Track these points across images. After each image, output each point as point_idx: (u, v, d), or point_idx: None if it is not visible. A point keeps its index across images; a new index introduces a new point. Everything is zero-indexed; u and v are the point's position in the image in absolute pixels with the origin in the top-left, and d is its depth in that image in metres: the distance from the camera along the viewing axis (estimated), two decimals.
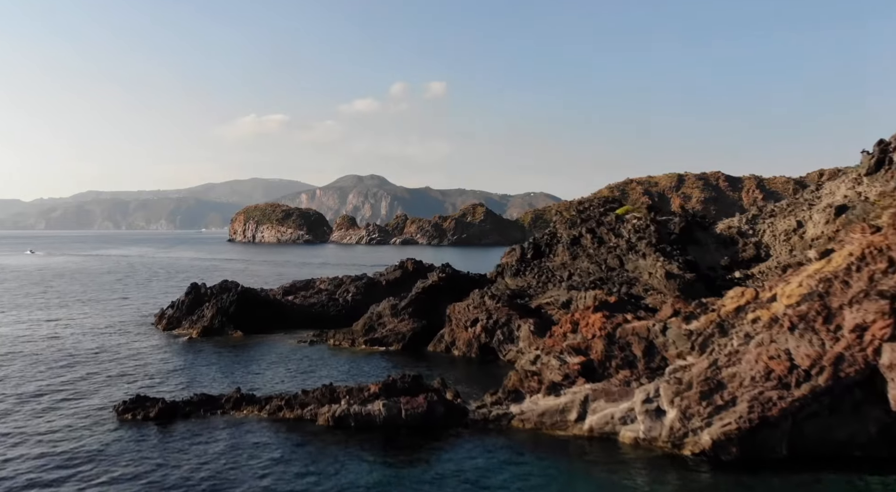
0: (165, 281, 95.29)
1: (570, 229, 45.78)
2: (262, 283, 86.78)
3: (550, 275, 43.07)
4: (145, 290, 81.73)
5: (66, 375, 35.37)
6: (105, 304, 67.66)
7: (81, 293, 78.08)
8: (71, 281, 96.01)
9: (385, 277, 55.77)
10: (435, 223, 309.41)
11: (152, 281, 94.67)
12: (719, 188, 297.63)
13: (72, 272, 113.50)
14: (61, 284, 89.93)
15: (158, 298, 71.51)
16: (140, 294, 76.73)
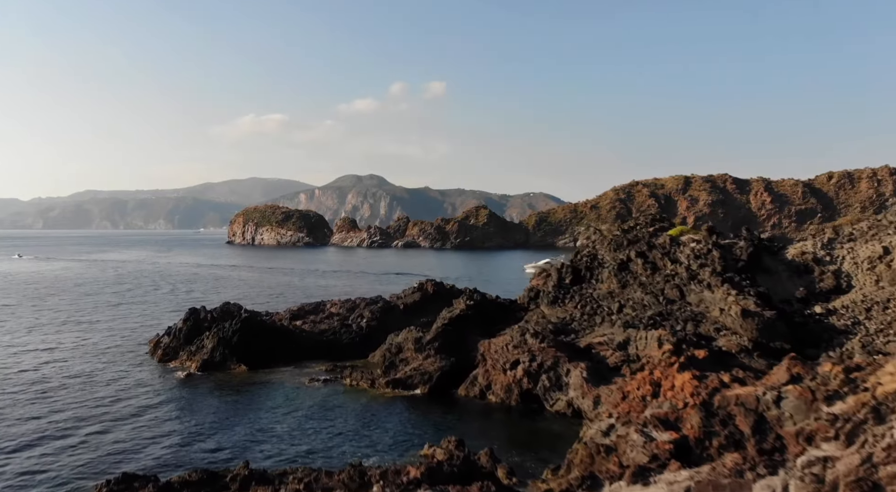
0: (164, 295, 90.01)
1: (616, 252, 40.64)
2: (265, 296, 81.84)
3: (596, 305, 37.96)
4: (141, 305, 76.45)
5: (37, 434, 30.25)
6: (95, 326, 62.30)
7: (68, 310, 72.75)
8: (58, 294, 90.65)
9: (403, 301, 50.65)
10: (438, 226, 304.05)
11: (149, 294, 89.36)
12: (727, 191, 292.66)
13: (60, 282, 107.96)
14: (46, 298, 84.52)
15: (155, 317, 66.38)
16: (135, 312, 71.44)
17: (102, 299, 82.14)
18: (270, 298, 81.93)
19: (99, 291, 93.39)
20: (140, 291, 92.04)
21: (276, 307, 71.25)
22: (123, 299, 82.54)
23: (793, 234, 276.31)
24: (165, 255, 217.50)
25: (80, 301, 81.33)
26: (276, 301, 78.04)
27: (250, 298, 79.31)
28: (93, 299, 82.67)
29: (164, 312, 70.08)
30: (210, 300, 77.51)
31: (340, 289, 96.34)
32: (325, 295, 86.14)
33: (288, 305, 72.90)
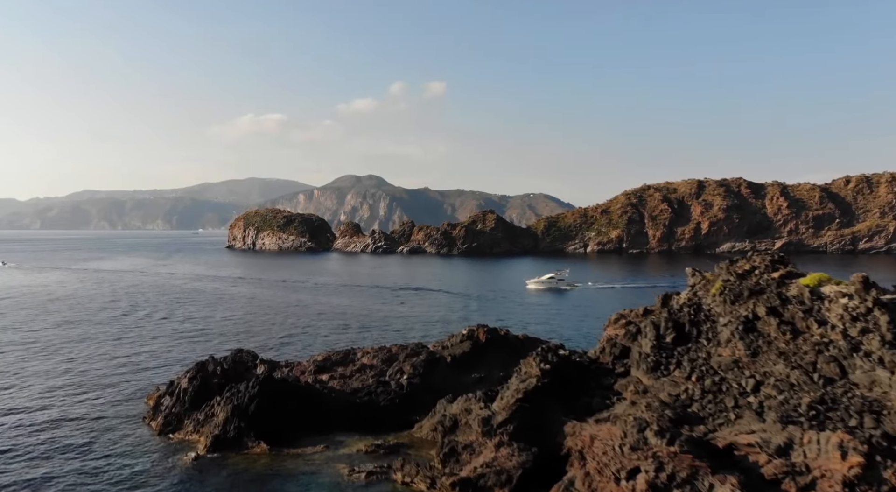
0: (163, 322, 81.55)
1: (734, 305, 32.38)
2: (278, 325, 73.03)
3: (719, 379, 29.73)
4: (137, 339, 67.86)
5: None
6: (80, 371, 53.78)
7: (48, 345, 64.22)
8: (38, 318, 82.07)
9: (450, 352, 42.41)
10: (444, 231, 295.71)
11: (147, 321, 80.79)
12: (741, 195, 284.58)
13: (44, 303, 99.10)
14: (22, 326, 75.58)
15: (154, 355, 58.00)
16: (131, 348, 62.96)
17: (92, 330, 73.54)
18: (283, 328, 73.57)
19: (88, 317, 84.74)
20: (137, 318, 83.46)
21: (291, 341, 63.05)
22: (117, 329, 74.00)
23: (810, 240, 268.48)
24: (164, 263, 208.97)
25: (65, 331, 72.69)
26: (291, 332, 69.77)
27: (262, 332, 70.97)
28: (80, 330, 74.01)
29: (164, 349, 61.69)
30: (216, 329, 69.21)
31: (357, 310, 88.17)
32: (342, 318, 78.04)
33: (304, 337, 64.90)
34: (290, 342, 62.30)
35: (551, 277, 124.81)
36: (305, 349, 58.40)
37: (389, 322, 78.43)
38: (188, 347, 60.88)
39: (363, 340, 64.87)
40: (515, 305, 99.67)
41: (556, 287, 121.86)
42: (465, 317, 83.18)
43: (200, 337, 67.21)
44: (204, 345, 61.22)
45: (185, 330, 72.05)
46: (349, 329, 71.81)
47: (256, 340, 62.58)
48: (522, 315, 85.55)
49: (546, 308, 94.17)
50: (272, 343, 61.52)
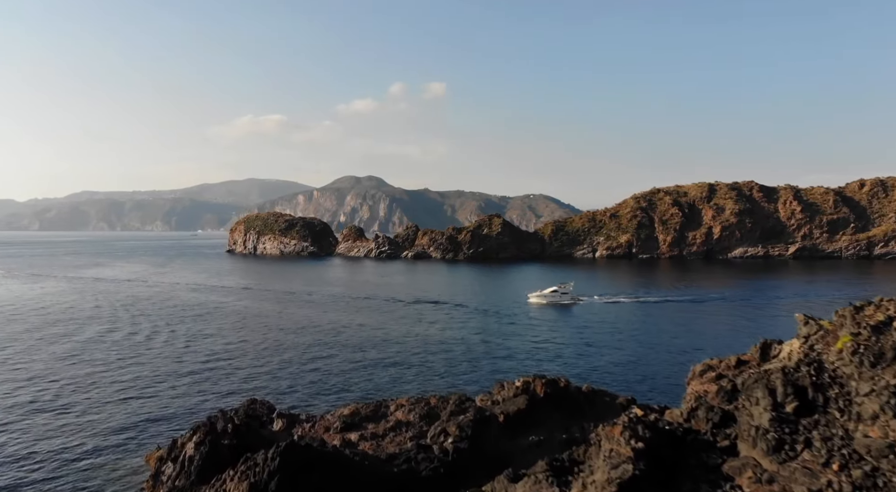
0: (164, 348, 75.24)
1: (873, 369, 26.04)
2: (290, 351, 66.24)
3: (872, 470, 23.30)
4: (136, 374, 61.44)
5: None
6: (66, 422, 47.47)
7: (32, 381, 58.03)
8: (26, 348, 75.81)
9: (502, 409, 36.12)
10: (449, 236, 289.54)
11: (146, 350, 74.44)
12: (753, 199, 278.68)
13: (34, 325, 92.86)
14: (4, 359, 69.39)
15: (155, 396, 51.65)
16: (128, 387, 56.57)
17: (86, 359, 67.22)
18: (299, 359, 67.20)
19: (84, 342, 78.52)
20: (136, 343, 77.05)
21: (309, 380, 56.63)
22: (115, 358, 67.60)
23: (825, 245, 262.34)
24: (164, 271, 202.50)
25: (56, 360, 66.41)
26: (307, 364, 63.43)
27: (275, 366, 64.63)
28: (73, 358, 67.73)
29: (168, 387, 55.29)
30: (224, 360, 62.63)
31: (375, 330, 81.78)
32: (360, 341, 71.18)
33: (323, 372, 58.22)
34: (308, 381, 55.83)
35: (554, 291, 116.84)
36: (326, 392, 52.02)
37: (409, 347, 72.19)
38: (194, 387, 54.50)
39: (386, 374, 58.62)
40: (523, 313, 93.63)
41: (559, 302, 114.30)
42: (489, 341, 77.07)
43: (207, 371, 60.91)
44: (212, 384, 54.87)
45: (190, 361, 65.73)
46: (370, 359, 65.51)
47: (270, 379, 56.20)
48: (550, 335, 79.40)
49: (553, 326, 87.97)
50: (287, 383, 55.00)
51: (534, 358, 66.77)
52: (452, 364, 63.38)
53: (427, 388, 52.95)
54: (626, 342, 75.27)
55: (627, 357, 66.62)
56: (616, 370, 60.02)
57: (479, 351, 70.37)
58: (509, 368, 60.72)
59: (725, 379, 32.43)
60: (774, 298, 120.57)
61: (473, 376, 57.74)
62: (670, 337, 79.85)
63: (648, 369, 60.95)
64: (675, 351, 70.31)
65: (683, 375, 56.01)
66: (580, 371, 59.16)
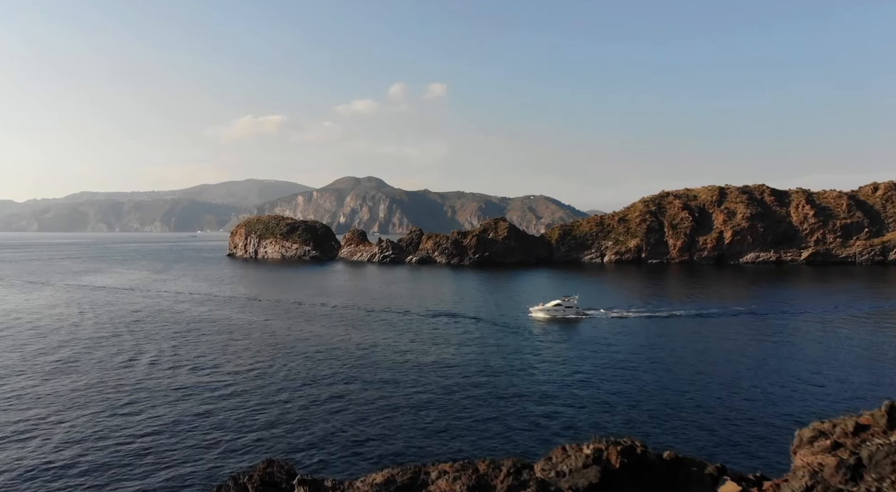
0: (170, 376, 70.10)
1: None
2: (306, 382, 60.46)
3: None
4: (135, 419, 56.28)
5: None
6: (47, 477, 42.26)
7: (10, 424, 52.83)
8: (13, 374, 70.63)
9: (569, 483, 30.69)
10: (454, 240, 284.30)
11: (148, 380, 69.25)
12: (765, 203, 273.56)
13: (26, 344, 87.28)
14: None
15: (157, 447, 46.42)
16: (126, 435, 51.33)
17: (78, 393, 62.04)
18: (314, 392, 61.99)
19: (79, 369, 73.15)
20: (133, 376, 71.71)
21: (329, 414, 51.33)
22: (112, 392, 62.37)
23: (838, 250, 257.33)
24: (164, 278, 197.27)
25: (45, 397, 61.22)
26: (325, 400, 58.19)
27: (290, 408, 59.41)
28: (65, 393, 62.51)
29: (171, 435, 50.01)
30: (233, 397, 57.22)
31: (393, 352, 76.61)
32: (380, 367, 65.31)
33: (344, 413, 52.72)
34: (330, 430, 50.17)
35: (558, 305, 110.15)
36: (351, 445, 46.44)
37: (433, 378, 67.09)
38: (201, 437, 49.01)
39: (415, 419, 53.39)
40: (524, 325, 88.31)
41: (563, 316, 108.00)
42: (517, 369, 71.97)
43: (215, 414, 55.63)
44: (221, 433, 49.27)
45: (196, 399, 60.50)
46: (394, 396, 60.14)
47: (286, 427, 50.58)
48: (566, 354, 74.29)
49: (571, 349, 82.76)
50: (306, 434, 49.16)
51: (570, 393, 61.66)
52: (483, 401, 58.21)
53: (462, 435, 47.75)
54: (653, 374, 69.97)
55: (662, 395, 61.43)
56: (663, 414, 54.69)
57: (508, 382, 65.27)
58: (549, 413, 55.39)
59: (844, 450, 27.10)
60: (800, 314, 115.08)
61: (512, 421, 52.49)
62: (699, 363, 74.73)
63: (693, 411, 55.51)
64: (714, 384, 65.15)
65: (732, 416, 50.41)
66: (622, 416, 53.96)
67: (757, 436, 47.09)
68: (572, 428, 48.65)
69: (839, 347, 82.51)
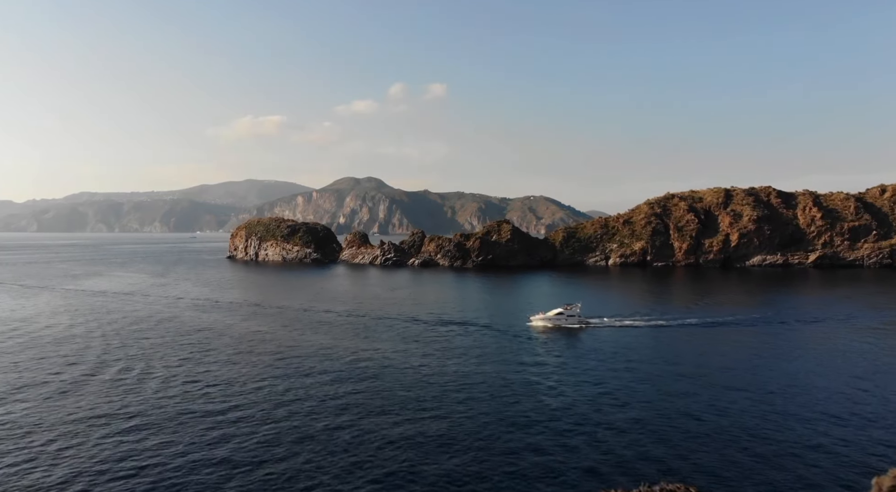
0: (177, 408, 67.01)
1: None
2: (316, 388, 57.22)
3: None
4: (134, 445, 53.20)
5: None
6: None
7: None
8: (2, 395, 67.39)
9: None
10: (457, 243, 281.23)
11: (149, 407, 66.16)
12: (771, 205, 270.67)
13: (18, 360, 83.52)
14: None
15: None
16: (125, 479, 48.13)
17: (68, 425, 58.90)
18: (333, 429, 58.96)
19: (72, 393, 69.97)
20: (131, 395, 68.77)
21: (350, 466, 48.18)
22: (108, 417, 59.33)
23: (846, 253, 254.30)
24: (164, 282, 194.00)
25: (32, 431, 58.11)
26: (344, 433, 55.14)
27: (304, 429, 56.36)
28: (44, 428, 59.41)
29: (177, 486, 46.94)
30: (239, 436, 53.89)
31: (407, 368, 73.63)
32: (398, 395, 61.32)
33: (364, 453, 49.51)
34: (348, 468, 47.30)
35: (560, 313, 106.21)
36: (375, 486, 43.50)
37: (457, 409, 64.13)
38: (211, 470, 46.01)
39: (448, 464, 50.39)
40: (524, 335, 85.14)
41: (564, 325, 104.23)
42: (544, 388, 69.05)
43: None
44: (228, 468, 46.42)
45: (204, 420, 57.48)
46: (417, 432, 57.20)
47: (302, 461, 47.61)
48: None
49: (591, 362, 79.77)
50: (329, 469, 46.31)
51: (591, 420, 58.70)
52: (525, 434, 55.21)
53: (488, 475, 44.65)
54: (681, 396, 66.98)
55: (698, 422, 58.38)
56: (706, 447, 51.56)
57: (538, 410, 62.28)
58: (571, 445, 52.41)
59: None
60: (820, 321, 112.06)
61: (562, 455, 49.48)
62: (725, 377, 71.73)
63: (738, 442, 52.37)
64: (747, 403, 62.14)
65: (784, 448, 45.99)
66: (659, 450, 50.89)
67: (820, 474, 43.58)
68: (597, 473, 45.62)
69: (878, 358, 79.54)
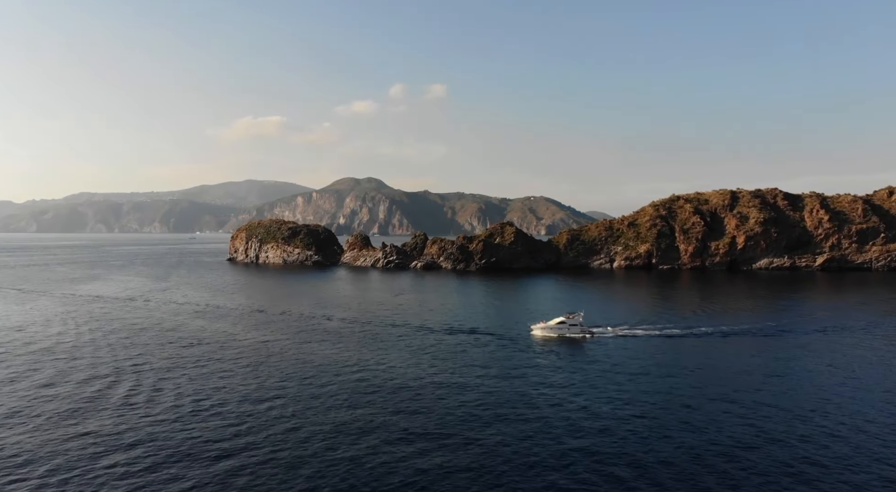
0: (169, 420, 63.85)
1: None
2: (324, 413, 54.13)
3: None
4: (135, 479, 50.01)
5: None
6: None
7: None
8: None
9: None
10: (460, 245, 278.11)
11: (147, 431, 63.12)
12: (778, 207, 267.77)
13: (9, 377, 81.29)
14: None
15: None
16: None
17: (62, 452, 55.71)
18: (344, 435, 55.94)
19: (62, 434, 66.93)
20: (131, 417, 65.68)
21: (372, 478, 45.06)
22: (106, 441, 56.23)
23: (854, 256, 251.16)
24: (164, 286, 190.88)
25: (12, 464, 54.92)
26: (364, 453, 52.06)
27: (322, 457, 53.33)
28: (38, 454, 56.23)
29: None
30: (249, 441, 50.85)
31: (422, 382, 70.59)
32: (416, 422, 58.30)
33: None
34: None
35: (562, 323, 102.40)
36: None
37: (475, 417, 61.17)
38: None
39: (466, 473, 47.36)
40: (525, 345, 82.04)
41: (566, 335, 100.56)
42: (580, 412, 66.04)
43: (240, 478, 49.53)
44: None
45: (213, 446, 54.43)
46: (440, 465, 54.25)
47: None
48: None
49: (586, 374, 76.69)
50: None
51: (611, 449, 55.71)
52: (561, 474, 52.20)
53: None
54: (716, 420, 63.88)
55: (744, 449, 55.27)
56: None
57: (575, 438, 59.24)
58: None
59: None
60: (841, 330, 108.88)
61: None
62: (757, 392, 68.69)
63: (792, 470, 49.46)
64: (790, 428, 59.06)
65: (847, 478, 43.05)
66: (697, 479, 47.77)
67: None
68: None
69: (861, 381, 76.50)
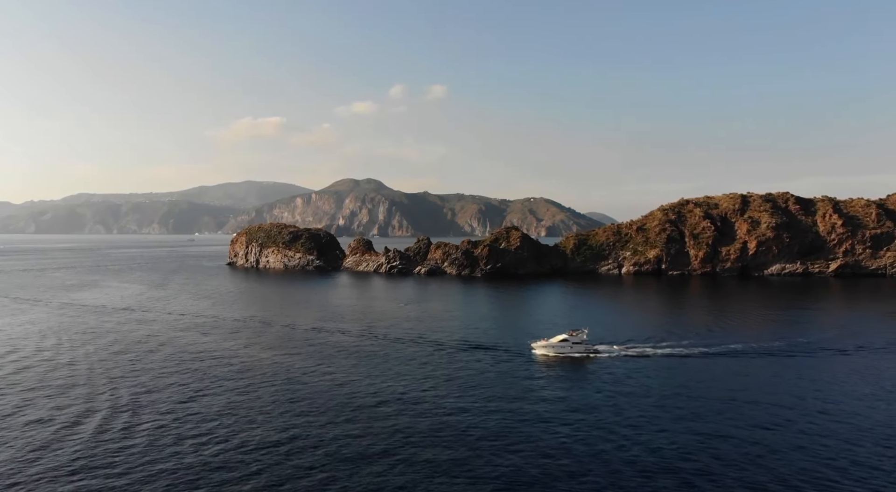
0: (171, 452, 58.33)
1: None
2: (341, 417, 48.41)
3: None
4: None
5: None
6: None
7: None
8: None
9: None
10: (465, 250, 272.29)
11: (146, 463, 57.65)
12: (790, 212, 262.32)
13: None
14: None
15: None
16: None
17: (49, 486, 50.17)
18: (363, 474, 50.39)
19: (53, 462, 61.24)
20: (128, 449, 60.08)
21: None
22: (101, 477, 50.69)
23: (868, 262, 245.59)
24: (162, 294, 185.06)
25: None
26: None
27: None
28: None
29: None
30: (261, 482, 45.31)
31: (440, 412, 65.02)
32: (441, 460, 53.05)
33: None
34: None
35: (564, 341, 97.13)
36: None
37: (496, 452, 55.67)
38: None
39: None
40: (526, 363, 76.32)
41: (569, 354, 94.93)
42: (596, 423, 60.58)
43: None
44: None
45: (215, 481, 48.90)
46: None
47: None
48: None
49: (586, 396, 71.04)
50: None
51: None
52: None
53: None
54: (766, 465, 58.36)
55: None
56: None
57: None
58: None
59: None
60: (876, 349, 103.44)
61: None
62: (805, 420, 63.16)
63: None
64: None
65: None
66: None
67: None
68: None
69: None
